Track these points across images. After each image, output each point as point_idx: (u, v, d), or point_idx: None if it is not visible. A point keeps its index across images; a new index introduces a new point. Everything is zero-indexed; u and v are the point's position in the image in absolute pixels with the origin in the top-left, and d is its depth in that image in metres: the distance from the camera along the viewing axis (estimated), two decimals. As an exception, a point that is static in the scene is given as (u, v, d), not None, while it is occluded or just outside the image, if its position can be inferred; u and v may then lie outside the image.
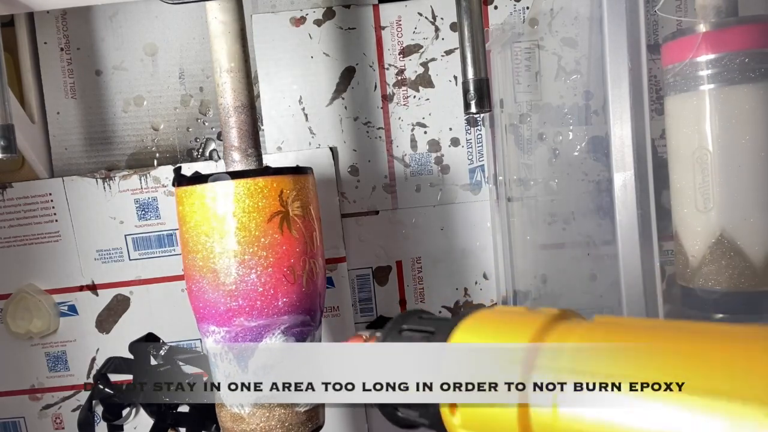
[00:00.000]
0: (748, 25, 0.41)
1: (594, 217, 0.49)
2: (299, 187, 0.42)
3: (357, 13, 0.59)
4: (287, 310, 0.42)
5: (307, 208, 0.43)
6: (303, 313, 0.43)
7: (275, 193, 0.41)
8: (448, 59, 0.59)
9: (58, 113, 0.61)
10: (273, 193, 0.41)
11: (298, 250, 0.42)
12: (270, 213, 0.41)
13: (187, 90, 0.61)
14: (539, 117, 0.56)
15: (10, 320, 0.59)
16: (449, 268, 0.61)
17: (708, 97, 0.42)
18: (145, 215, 0.60)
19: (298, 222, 0.41)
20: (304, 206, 0.42)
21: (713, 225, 0.43)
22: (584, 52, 0.51)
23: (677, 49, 0.44)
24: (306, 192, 0.43)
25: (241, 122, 0.43)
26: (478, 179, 0.60)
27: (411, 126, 0.60)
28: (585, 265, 0.52)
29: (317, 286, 0.44)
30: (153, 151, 0.61)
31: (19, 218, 0.60)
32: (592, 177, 0.51)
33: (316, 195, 0.45)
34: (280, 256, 0.41)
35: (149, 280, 0.60)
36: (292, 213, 0.41)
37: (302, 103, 0.60)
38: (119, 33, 0.60)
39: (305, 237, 0.42)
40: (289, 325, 0.42)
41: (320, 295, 0.45)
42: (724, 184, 0.42)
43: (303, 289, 0.42)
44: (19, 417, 0.62)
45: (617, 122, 0.36)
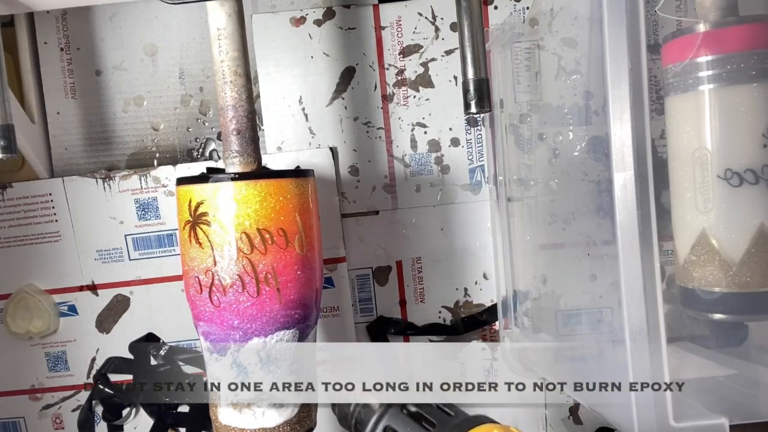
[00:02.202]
0: (748, 25, 0.41)
1: (594, 217, 0.49)
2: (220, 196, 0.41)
3: (357, 13, 0.59)
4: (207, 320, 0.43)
5: (218, 218, 0.41)
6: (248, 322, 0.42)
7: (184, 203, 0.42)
8: (448, 59, 0.59)
9: (58, 113, 0.61)
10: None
11: (201, 262, 0.41)
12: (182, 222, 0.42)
13: (187, 90, 0.61)
14: (539, 117, 0.56)
15: (10, 320, 0.59)
16: (449, 268, 0.61)
17: (708, 96, 0.42)
18: (145, 215, 0.60)
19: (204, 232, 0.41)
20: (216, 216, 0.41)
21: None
22: (584, 52, 0.51)
23: (677, 49, 0.44)
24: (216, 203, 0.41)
25: (240, 123, 0.43)
26: (478, 179, 0.60)
27: (411, 126, 0.60)
28: (585, 265, 0.52)
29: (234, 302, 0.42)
30: (153, 151, 0.61)
31: (19, 218, 0.60)
32: (592, 177, 0.51)
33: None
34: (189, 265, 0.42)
35: (149, 280, 0.60)
36: (198, 222, 0.41)
37: (302, 103, 0.60)
38: (119, 33, 0.60)
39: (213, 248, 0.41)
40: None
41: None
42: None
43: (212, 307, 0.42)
44: (19, 417, 0.62)
45: (617, 122, 0.36)
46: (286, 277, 0.41)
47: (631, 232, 0.36)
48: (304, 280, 0.43)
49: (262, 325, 0.41)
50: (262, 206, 0.41)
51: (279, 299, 0.41)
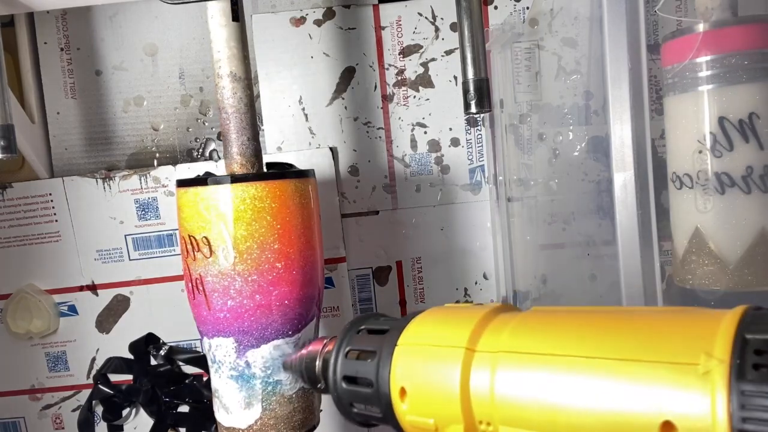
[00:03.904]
0: (748, 25, 0.41)
1: (594, 217, 0.49)
2: None
3: (357, 13, 0.59)
4: None
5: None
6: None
7: None
8: (448, 59, 0.59)
9: (58, 113, 0.61)
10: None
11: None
12: None
13: (187, 90, 0.61)
14: (539, 117, 0.56)
15: (10, 320, 0.59)
16: (449, 268, 0.61)
17: (707, 97, 0.42)
18: (145, 215, 0.60)
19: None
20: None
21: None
22: (584, 52, 0.51)
23: (677, 49, 0.44)
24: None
25: (240, 123, 0.43)
26: (478, 179, 0.60)
27: (411, 126, 0.60)
28: (585, 265, 0.52)
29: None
30: (153, 151, 0.61)
31: (19, 218, 0.60)
32: (592, 177, 0.51)
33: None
34: None
35: (149, 280, 0.60)
36: None
37: (302, 103, 0.60)
38: (119, 33, 0.60)
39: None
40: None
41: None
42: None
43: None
44: (19, 417, 0.62)
45: (617, 122, 0.36)
46: (211, 286, 0.41)
47: (631, 232, 0.36)
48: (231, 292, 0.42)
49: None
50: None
51: (207, 306, 0.42)
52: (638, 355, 0.24)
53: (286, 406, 0.43)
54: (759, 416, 0.20)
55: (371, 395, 0.32)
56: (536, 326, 0.29)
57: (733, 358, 0.21)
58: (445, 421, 0.29)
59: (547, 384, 0.26)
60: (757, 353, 0.21)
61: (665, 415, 0.22)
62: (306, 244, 0.43)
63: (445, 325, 0.31)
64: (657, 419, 0.22)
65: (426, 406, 0.30)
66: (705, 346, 0.22)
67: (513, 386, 0.27)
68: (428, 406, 0.30)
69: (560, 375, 0.26)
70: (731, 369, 0.21)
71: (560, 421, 0.25)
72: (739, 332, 0.22)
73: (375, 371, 0.32)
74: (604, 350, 0.25)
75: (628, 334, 0.25)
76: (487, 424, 0.28)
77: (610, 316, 0.27)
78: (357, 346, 0.34)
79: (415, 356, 0.31)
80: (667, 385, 0.22)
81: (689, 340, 0.23)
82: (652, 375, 0.23)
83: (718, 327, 0.23)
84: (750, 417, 0.20)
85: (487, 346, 0.29)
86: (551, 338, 0.27)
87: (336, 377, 0.34)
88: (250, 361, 0.42)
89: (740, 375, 0.21)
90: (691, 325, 0.24)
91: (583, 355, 0.25)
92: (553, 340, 0.27)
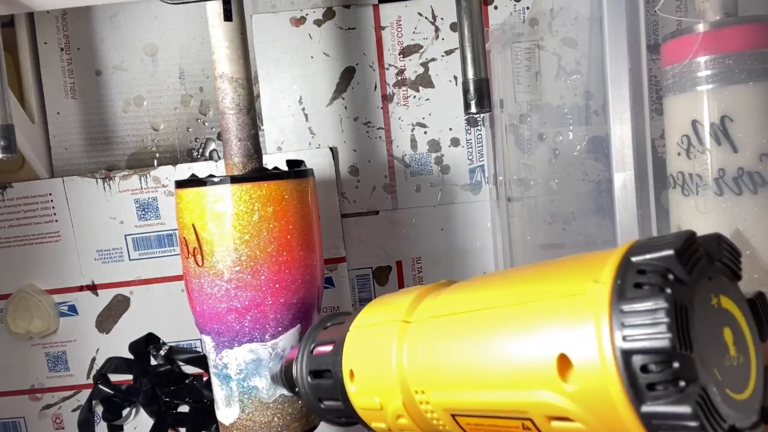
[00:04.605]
0: (748, 25, 0.41)
1: (594, 217, 0.49)
2: None
3: (357, 13, 0.59)
4: None
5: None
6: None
7: None
8: (448, 59, 0.59)
9: (58, 113, 0.61)
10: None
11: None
12: None
13: (187, 90, 0.61)
14: (539, 117, 0.56)
15: (10, 320, 0.59)
16: (449, 268, 0.61)
17: (707, 97, 0.42)
18: (145, 215, 0.60)
19: None
20: None
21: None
22: (584, 52, 0.51)
23: (677, 49, 0.43)
24: None
25: (238, 123, 0.43)
26: (478, 179, 0.60)
27: (411, 126, 0.60)
28: (585, 265, 0.51)
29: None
30: (153, 151, 0.61)
31: (19, 218, 0.60)
32: (592, 177, 0.51)
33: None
34: None
35: (149, 280, 0.60)
36: None
37: (302, 103, 0.60)
38: (119, 33, 0.60)
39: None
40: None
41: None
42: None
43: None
44: (19, 417, 0.62)
45: (617, 122, 0.36)
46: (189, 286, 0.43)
47: (631, 232, 0.36)
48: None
49: None
50: None
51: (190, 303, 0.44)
52: (535, 297, 0.24)
53: (263, 412, 0.43)
54: (638, 333, 0.20)
55: (332, 386, 0.33)
56: (459, 291, 0.29)
57: (615, 281, 0.21)
58: (388, 397, 0.30)
59: (458, 342, 0.26)
60: (640, 272, 0.21)
61: (560, 349, 0.22)
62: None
63: (389, 304, 0.32)
64: (554, 354, 0.22)
65: (370, 384, 0.30)
66: (594, 276, 0.22)
67: (433, 350, 0.27)
68: (372, 384, 0.30)
69: (468, 331, 0.26)
70: (613, 290, 0.21)
71: (474, 377, 0.25)
72: (625, 257, 0.22)
73: (332, 360, 0.33)
74: (503, 299, 0.25)
75: (530, 280, 0.25)
76: (421, 392, 0.28)
77: (525, 268, 0.27)
78: (319, 340, 0.35)
79: (360, 337, 0.32)
80: (559, 320, 0.22)
81: (582, 273, 0.23)
82: (546, 313, 0.23)
83: (609, 257, 0.22)
84: (630, 335, 0.20)
85: (419, 317, 0.29)
86: (465, 299, 0.28)
87: (303, 374, 0.35)
88: (226, 362, 0.43)
89: (621, 295, 0.21)
90: (588, 262, 0.23)
91: (485, 308, 0.26)
92: (466, 300, 0.28)
